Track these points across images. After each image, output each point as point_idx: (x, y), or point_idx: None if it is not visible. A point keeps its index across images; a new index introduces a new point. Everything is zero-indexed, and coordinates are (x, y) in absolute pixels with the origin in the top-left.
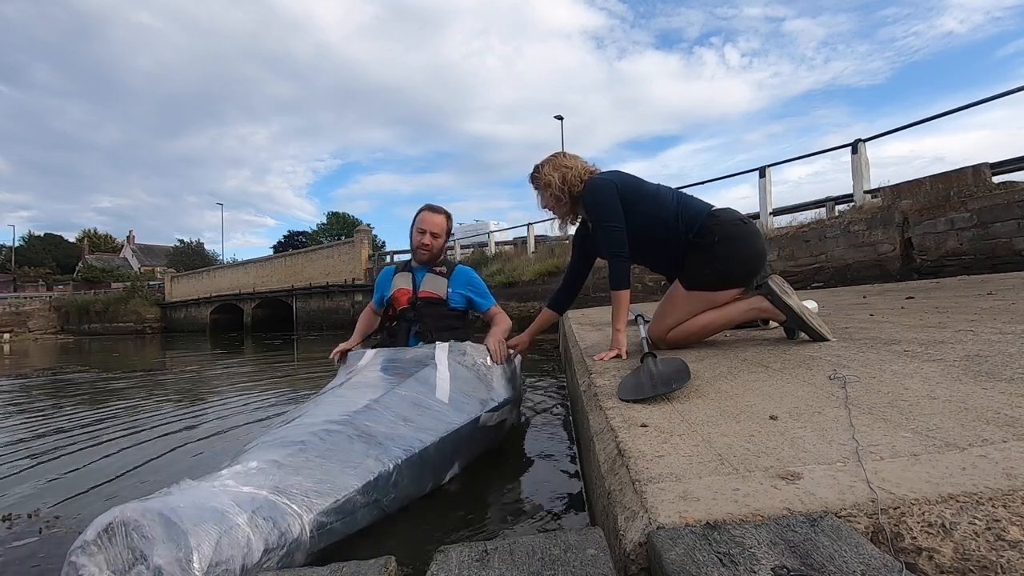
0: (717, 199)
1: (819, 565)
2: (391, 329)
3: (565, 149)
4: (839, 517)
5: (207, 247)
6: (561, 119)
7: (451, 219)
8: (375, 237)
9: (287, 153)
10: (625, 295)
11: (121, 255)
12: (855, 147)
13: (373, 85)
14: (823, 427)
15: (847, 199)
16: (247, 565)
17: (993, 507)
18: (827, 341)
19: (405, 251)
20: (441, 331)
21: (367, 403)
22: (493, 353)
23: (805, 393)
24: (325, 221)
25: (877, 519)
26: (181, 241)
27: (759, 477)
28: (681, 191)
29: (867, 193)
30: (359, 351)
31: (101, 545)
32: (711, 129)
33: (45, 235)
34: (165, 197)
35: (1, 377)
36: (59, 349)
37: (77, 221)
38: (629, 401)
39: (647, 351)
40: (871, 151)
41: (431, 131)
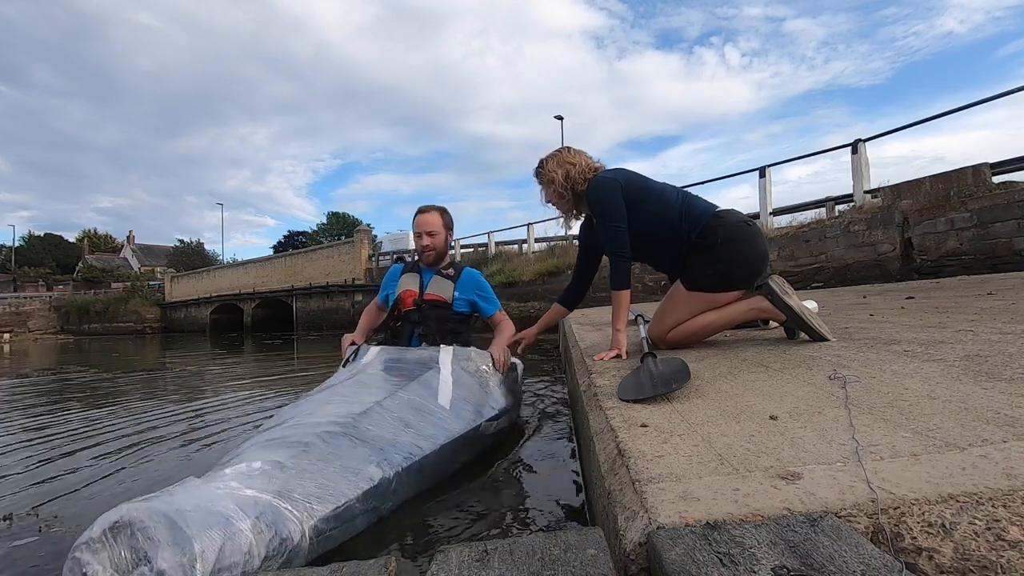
0: (717, 199)
1: (819, 565)
2: (395, 329)
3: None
4: (839, 517)
5: (207, 247)
6: (561, 119)
7: (447, 213)
8: (375, 237)
9: (287, 153)
10: (625, 295)
11: (121, 255)
12: (855, 147)
13: (373, 85)
14: (823, 427)
15: (847, 199)
16: (247, 572)
17: (993, 507)
18: (827, 341)
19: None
20: (445, 334)
21: (371, 405)
22: (496, 361)
23: (805, 393)
24: (325, 221)
25: (877, 519)
26: (181, 241)
27: (759, 477)
28: (686, 190)
29: (867, 193)
30: (365, 347)
31: (106, 543)
32: (711, 129)
33: (45, 235)
34: (165, 197)
35: (1, 377)
36: (59, 349)
37: (77, 221)
38: (629, 401)
39: (647, 351)
40: (871, 151)
41: (431, 131)
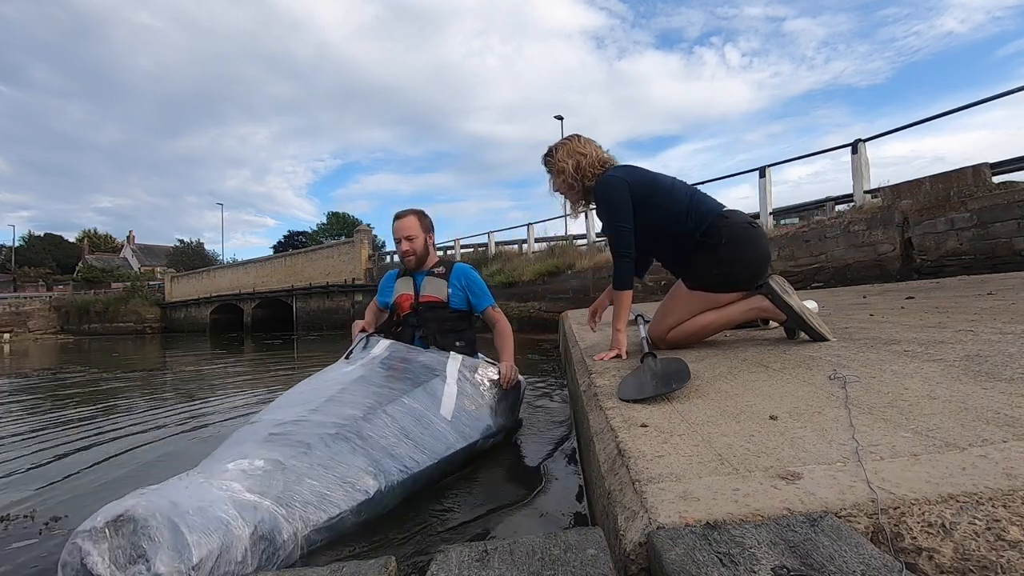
0: (717, 199)
1: (819, 565)
2: (396, 335)
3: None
4: (839, 517)
5: (207, 247)
6: (561, 119)
7: (423, 216)
8: (375, 237)
9: (287, 153)
10: (627, 296)
11: (121, 255)
12: (855, 147)
13: (373, 85)
14: (823, 427)
15: (847, 199)
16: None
17: (993, 507)
18: (827, 341)
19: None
20: (446, 333)
21: (373, 408)
22: (503, 378)
23: (805, 393)
24: (325, 221)
25: (877, 519)
26: (181, 241)
27: (759, 477)
28: (696, 188)
29: (867, 193)
30: (376, 338)
31: (107, 535)
32: (711, 129)
33: (45, 235)
34: (165, 197)
35: (1, 377)
36: (59, 349)
37: (77, 221)
38: (629, 401)
39: (647, 351)
40: (871, 151)
41: (431, 131)
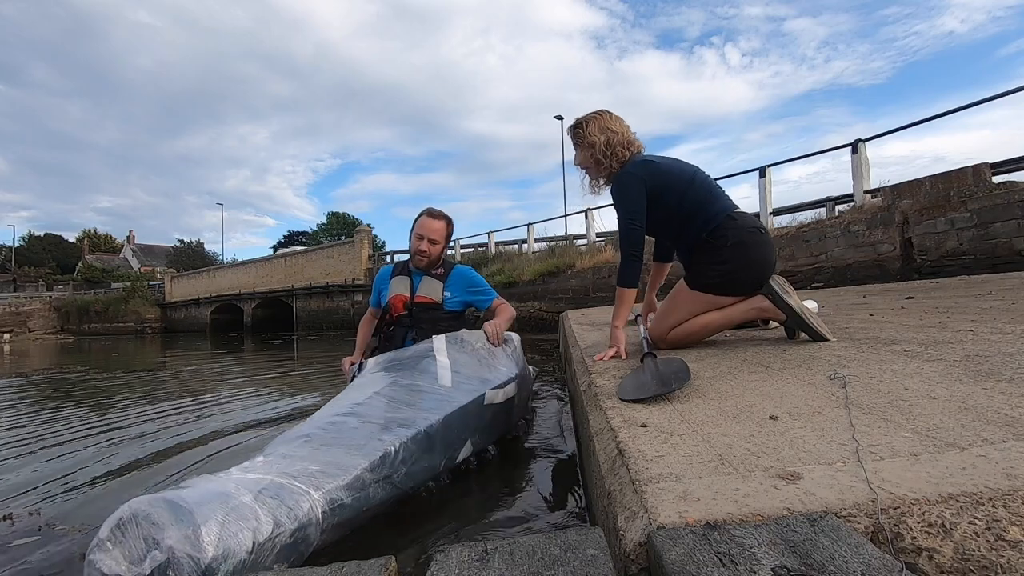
0: None
1: (819, 565)
2: (388, 333)
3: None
4: (839, 517)
5: (207, 247)
6: (561, 119)
7: (451, 224)
8: (375, 237)
9: (287, 153)
10: (630, 293)
11: (121, 255)
12: (855, 147)
13: (373, 84)
14: (823, 427)
15: (847, 199)
16: (258, 540)
17: (993, 507)
18: (827, 341)
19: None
20: (438, 334)
21: (369, 395)
22: (490, 335)
23: (805, 393)
24: (325, 221)
25: (877, 519)
26: (181, 241)
27: (759, 477)
28: (715, 184)
29: (867, 193)
30: (364, 363)
31: (116, 541)
32: (711, 129)
33: (45, 235)
34: (165, 197)
35: (1, 377)
36: (59, 349)
37: (77, 221)
38: (629, 401)
39: (647, 351)
40: (871, 151)
41: (431, 131)
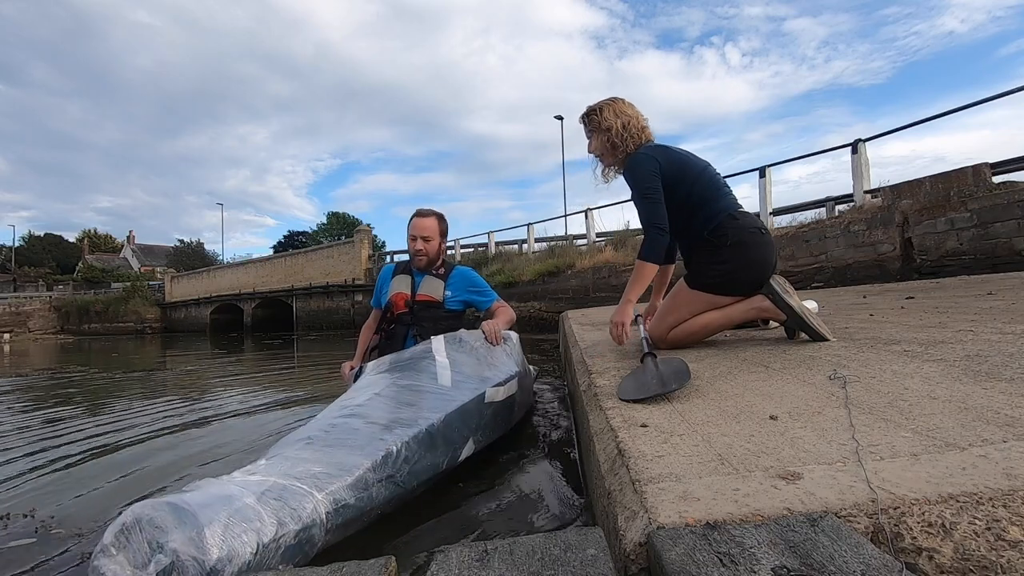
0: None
1: (819, 565)
2: (389, 332)
3: (622, 96)
4: (839, 517)
5: (207, 247)
6: (561, 119)
7: (443, 219)
8: (375, 237)
9: (287, 153)
10: (649, 268)
11: (121, 255)
12: (855, 147)
13: (373, 84)
14: (823, 427)
15: (847, 199)
16: (262, 541)
17: (993, 507)
18: (827, 341)
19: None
20: (439, 332)
21: (370, 396)
22: (488, 334)
23: (805, 393)
24: (325, 221)
25: (877, 519)
26: (181, 241)
27: (759, 477)
28: (723, 181)
29: (867, 193)
30: (364, 367)
31: (120, 546)
32: (712, 129)
33: (45, 235)
34: (165, 197)
35: (1, 377)
36: (59, 349)
37: (77, 221)
38: (629, 401)
39: (647, 351)
40: (871, 151)
41: (431, 130)
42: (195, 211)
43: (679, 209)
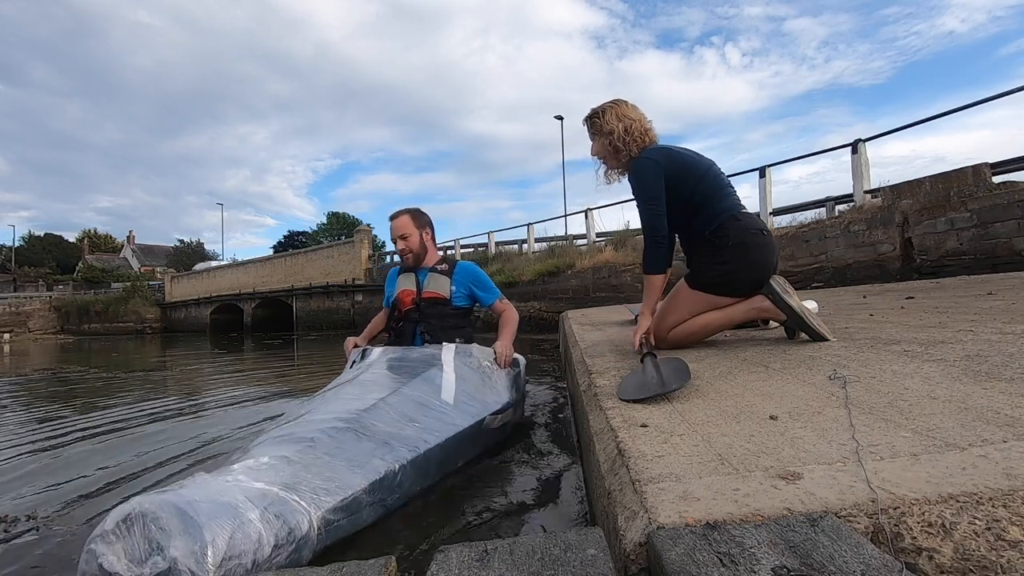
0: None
1: (819, 565)
2: (398, 329)
3: (626, 98)
4: (839, 517)
5: (207, 247)
6: (561, 119)
7: (417, 213)
8: (375, 237)
9: (287, 153)
10: (657, 279)
11: (121, 255)
12: (855, 147)
13: (373, 84)
14: (823, 427)
15: (847, 199)
16: (258, 560)
17: (993, 507)
18: (827, 341)
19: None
20: (447, 329)
21: (374, 402)
22: (499, 357)
23: (805, 393)
24: (325, 221)
25: (877, 519)
26: (181, 241)
27: (759, 477)
28: (726, 182)
29: (867, 193)
30: (369, 349)
31: (120, 535)
32: (712, 129)
33: (45, 235)
34: (165, 197)
35: (1, 377)
36: (59, 349)
37: (77, 221)
38: (629, 401)
39: (647, 351)
40: (871, 151)
41: (431, 130)
42: (195, 211)
43: (686, 206)
